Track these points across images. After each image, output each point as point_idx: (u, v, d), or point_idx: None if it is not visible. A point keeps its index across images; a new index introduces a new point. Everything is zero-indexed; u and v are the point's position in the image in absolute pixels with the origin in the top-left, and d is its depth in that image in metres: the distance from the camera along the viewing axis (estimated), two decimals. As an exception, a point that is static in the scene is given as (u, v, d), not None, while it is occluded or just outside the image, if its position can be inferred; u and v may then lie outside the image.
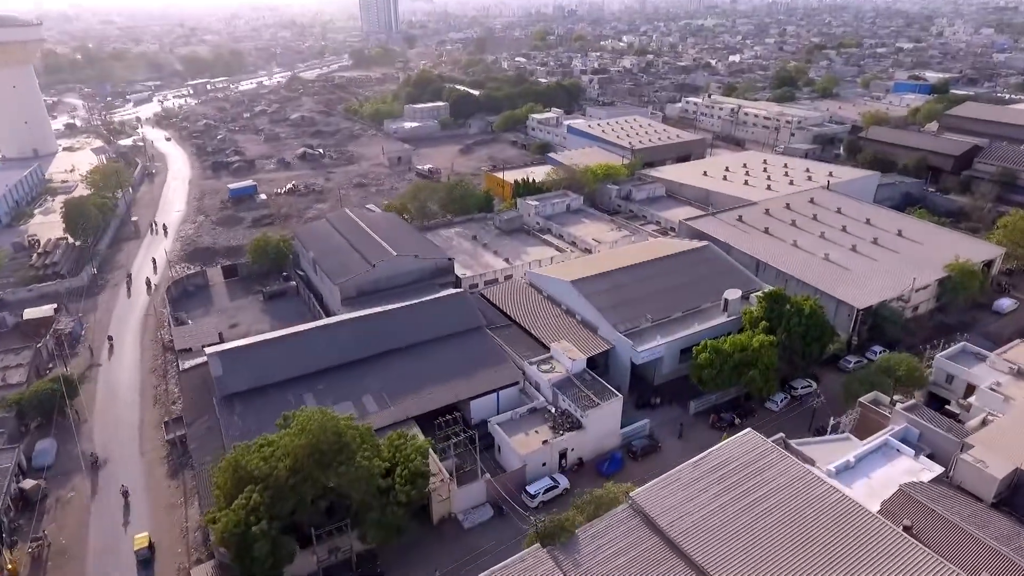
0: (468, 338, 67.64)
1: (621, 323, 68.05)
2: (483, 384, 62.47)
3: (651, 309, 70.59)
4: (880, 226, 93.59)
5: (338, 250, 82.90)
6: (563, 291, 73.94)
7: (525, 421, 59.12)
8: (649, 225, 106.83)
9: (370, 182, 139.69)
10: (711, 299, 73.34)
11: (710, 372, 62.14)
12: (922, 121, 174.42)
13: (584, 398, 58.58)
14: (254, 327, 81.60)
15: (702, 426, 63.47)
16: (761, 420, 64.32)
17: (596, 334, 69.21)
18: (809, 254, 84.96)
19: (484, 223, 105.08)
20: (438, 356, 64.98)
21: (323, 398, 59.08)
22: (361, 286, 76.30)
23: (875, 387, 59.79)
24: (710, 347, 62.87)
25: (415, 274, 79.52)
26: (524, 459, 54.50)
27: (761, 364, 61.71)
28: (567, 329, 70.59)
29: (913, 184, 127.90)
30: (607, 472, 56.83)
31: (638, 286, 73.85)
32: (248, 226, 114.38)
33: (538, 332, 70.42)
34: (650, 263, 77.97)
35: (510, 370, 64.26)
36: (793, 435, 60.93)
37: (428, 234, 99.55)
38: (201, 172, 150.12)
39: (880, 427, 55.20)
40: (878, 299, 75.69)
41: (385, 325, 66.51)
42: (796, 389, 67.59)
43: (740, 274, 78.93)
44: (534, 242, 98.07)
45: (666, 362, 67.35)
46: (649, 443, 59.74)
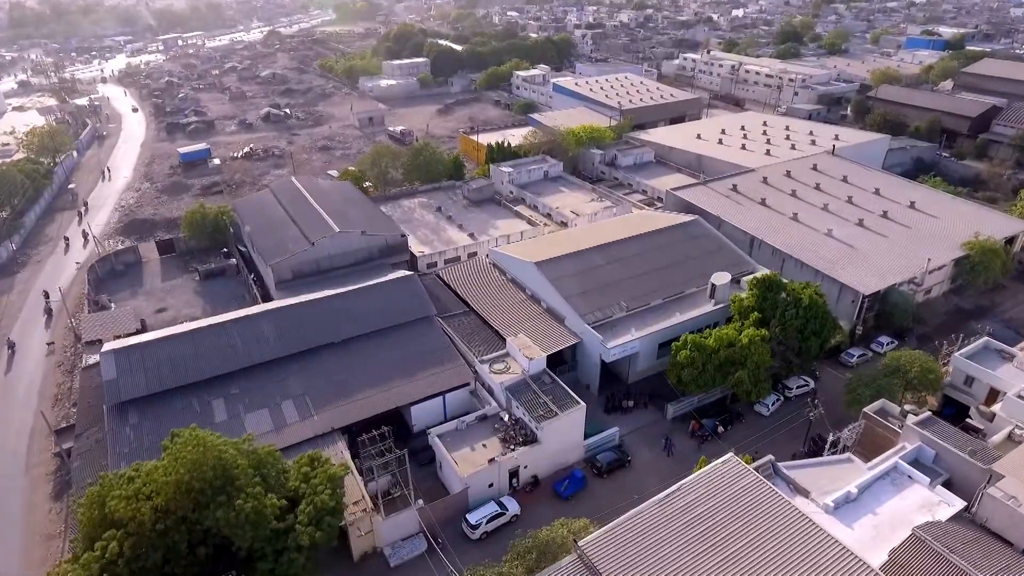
0: (414, 330, 58.65)
1: (591, 313, 58.98)
2: (428, 386, 53.73)
3: (627, 295, 61.43)
4: (890, 197, 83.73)
5: (277, 225, 73.27)
6: (527, 274, 64.67)
7: (473, 432, 50.56)
8: (634, 195, 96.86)
9: (336, 145, 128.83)
10: (697, 283, 64.13)
11: (691, 372, 53.37)
12: (936, 80, 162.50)
13: (541, 406, 49.88)
14: (184, 312, 72.60)
15: (681, 434, 54.99)
16: (749, 427, 55.81)
17: (563, 325, 60.23)
18: (810, 229, 75.37)
19: (452, 192, 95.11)
20: (378, 352, 56.10)
21: (235, 405, 50.40)
22: (298, 267, 66.96)
23: (882, 392, 51.07)
24: (691, 343, 53.95)
25: (362, 253, 70.09)
26: (466, 481, 46.07)
27: (751, 363, 52.88)
28: (530, 319, 61.58)
29: (925, 149, 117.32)
30: (566, 494, 48.51)
31: (613, 268, 64.52)
32: (195, 194, 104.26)
33: (497, 322, 61.43)
34: (629, 241, 68.47)
35: (460, 369, 55.47)
36: (786, 446, 52.66)
37: (388, 205, 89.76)
38: (156, 134, 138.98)
39: (888, 443, 46.64)
40: (887, 283, 66.48)
41: (316, 316, 57.44)
42: (791, 389, 58.93)
43: (731, 253, 69.55)
44: (505, 214, 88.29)
45: (642, 358, 58.53)
46: (617, 457, 51.29)
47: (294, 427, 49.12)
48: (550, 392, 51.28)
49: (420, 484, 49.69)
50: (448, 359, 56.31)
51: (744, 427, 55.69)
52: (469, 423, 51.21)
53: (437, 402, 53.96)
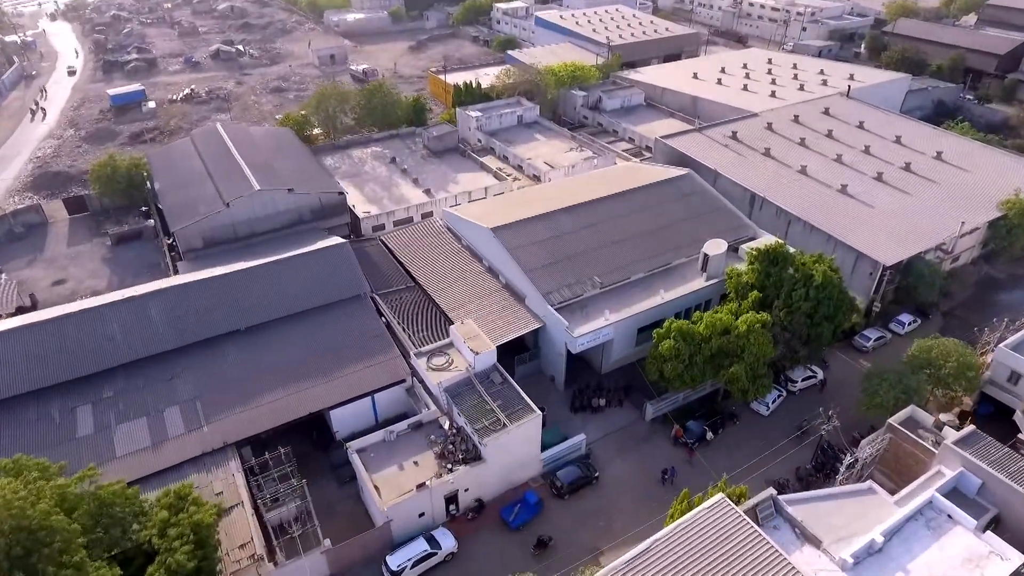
0: (342, 313, 48.29)
1: (556, 290, 48.57)
2: (354, 385, 43.74)
3: (602, 268, 50.91)
4: (913, 146, 72.35)
5: (191, 182, 61.74)
6: (483, 241, 53.90)
7: (405, 444, 40.92)
8: (620, 143, 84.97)
9: (291, 86, 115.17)
10: (686, 252, 53.55)
11: (675, 366, 43.48)
12: (958, 13, 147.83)
13: (486, 415, 40.04)
14: (87, 284, 61.97)
15: (660, 438, 45.56)
16: (744, 431, 46.29)
17: (523, 304, 49.94)
18: (821, 185, 64.35)
19: (412, 141, 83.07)
20: (293, 342, 45.87)
21: (105, 413, 40.42)
22: (210, 234, 55.93)
23: (909, 396, 41.40)
24: (675, 331, 43.85)
25: (291, 215, 58.97)
26: (388, 514, 36.62)
27: (749, 356, 42.97)
28: (485, 296, 51.20)
29: (947, 90, 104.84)
30: (516, 524, 39.25)
31: (587, 234, 53.73)
32: (123, 143, 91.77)
33: (445, 301, 51.07)
34: (607, 200, 57.44)
35: (395, 363, 45.42)
36: (789, 457, 43.17)
37: (336, 156, 77.94)
38: (91, 74, 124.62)
39: (918, 464, 37.27)
40: (911, 251, 56.07)
41: (216, 297, 46.88)
42: (795, 383, 49.24)
43: (728, 215, 58.71)
44: (469, 167, 76.65)
45: (618, 345, 48.50)
46: (583, 474, 41.83)
47: (177, 442, 39.29)
48: (500, 395, 41.38)
49: (343, 508, 40.48)
50: (381, 349, 46.17)
51: (738, 431, 46.20)
52: (400, 433, 41.52)
53: (365, 404, 44.12)
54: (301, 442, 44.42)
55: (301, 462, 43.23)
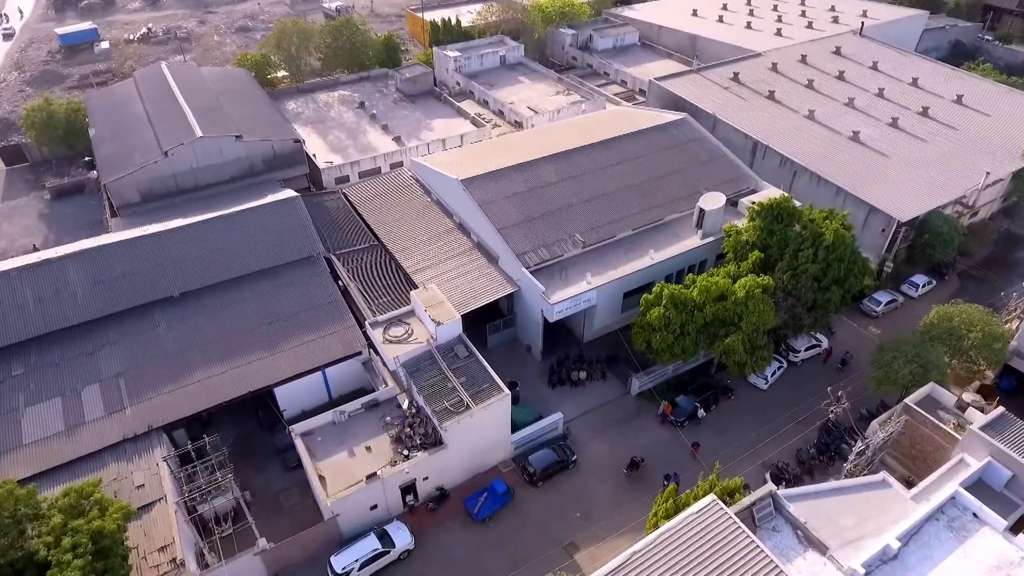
0: (292, 276, 42.94)
1: (533, 250, 43.16)
2: (302, 358, 38.77)
3: (585, 224, 45.38)
4: (931, 89, 65.91)
5: (130, 128, 55.27)
6: (453, 193, 48.15)
7: (358, 425, 36.24)
8: (611, 86, 78.10)
9: (258, 25, 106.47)
10: (680, 207, 47.96)
11: (664, 337, 38.57)
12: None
13: (447, 394, 35.17)
14: (19, 244, 56.25)
15: (647, 416, 41.00)
16: (740, 407, 41.73)
17: (496, 266, 44.62)
18: (831, 132, 58.30)
19: (384, 84, 75.99)
20: (235, 310, 40.64)
21: (13, 394, 35.44)
22: (148, 186, 49.99)
23: (928, 371, 36.64)
24: (667, 297, 38.77)
25: (240, 165, 52.91)
26: (334, 509, 32.15)
27: (747, 325, 38.07)
28: (453, 258, 45.81)
29: (965, 30, 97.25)
30: (481, 516, 34.90)
31: (569, 187, 47.95)
32: (71, 87, 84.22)
33: (409, 262, 45.69)
34: (593, 149, 51.41)
35: (350, 332, 40.37)
36: (791, 438, 38.74)
37: (299, 100, 71.02)
38: (43, 12, 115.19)
39: (938, 451, 32.83)
40: (929, 205, 50.61)
41: (148, 259, 41.37)
42: (796, 352, 44.49)
43: (727, 165, 52.83)
44: (445, 112, 69.94)
45: (601, 311, 43.42)
46: (558, 458, 37.31)
47: (95, 427, 34.44)
48: (465, 371, 36.43)
49: (290, 499, 36.08)
50: (335, 318, 41.02)
51: (733, 406, 41.63)
52: (353, 413, 36.77)
53: (316, 379, 39.24)
54: (247, 422, 39.86)
55: (245, 445, 38.87)
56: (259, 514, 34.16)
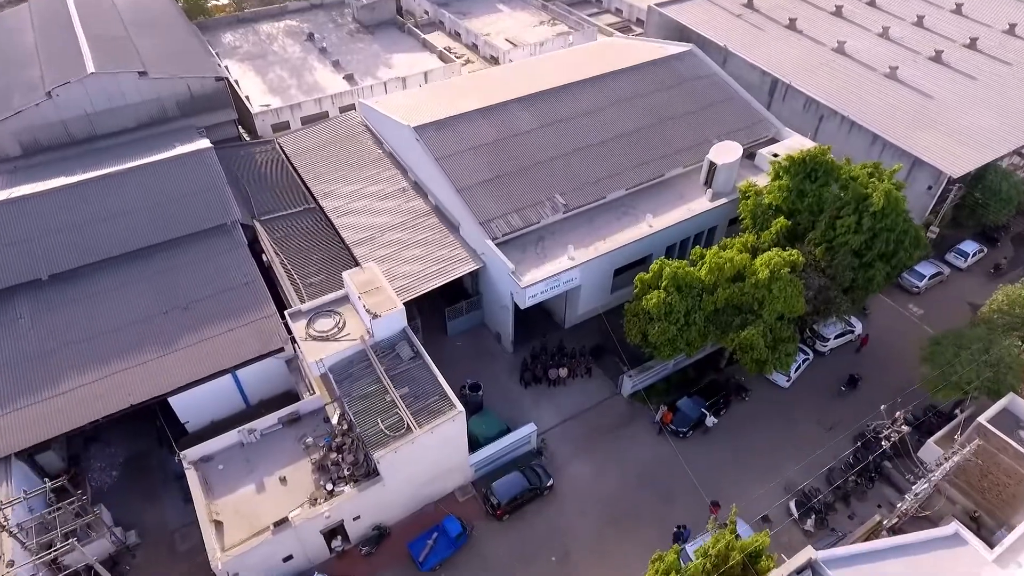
0: (199, 250, 34.25)
1: (501, 217, 34.42)
2: (207, 356, 30.51)
3: (567, 183, 36.51)
4: (978, 17, 55.98)
5: (14, 63, 45.16)
6: (407, 144, 39.03)
7: (273, 447, 28.33)
8: (604, 15, 67.57)
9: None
10: (684, 159, 39.02)
11: (665, 328, 30.44)
12: None
13: (384, 410, 27.08)
14: None
15: (642, 423, 33.21)
16: (756, 411, 33.96)
17: (457, 236, 36.00)
18: (864, 68, 48.82)
19: (340, 12, 65.18)
20: (121, 296, 32.08)
21: None
22: (31, 135, 40.47)
23: (1000, 373, 28.75)
24: (668, 277, 30.47)
25: (148, 109, 43.24)
26: (229, 569, 24.44)
27: (770, 313, 30.00)
28: (405, 226, 37.07)
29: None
30: (428, 565, 27.32)
31: (548, 136, 38.81)
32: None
33: (351, 231, 36.97)
34: (578, 87, 41.93)
35: (270, 323, 32.00)
36: (818, 449, 31.13)
37: (236, 32, 60.37)
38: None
39: (1020, 486, 25.22)
40: (986, 156, 41.81)
41: (7, 232, 32.45)
42: (825, 341, 36.52)
43: (742, 108, 43.54)
44: (409, 45, 59.59)
45: (587, 293, 35.08)
46: (529, 485, 29.56)
47: (-79, 456, 26.42)
48: (408, 378, 28.27)
49: (187, 540, 28.40)
50: (252, 304, 32.57)
51: (749, 409, 33.88)
52: (266, 431, 28.81)
53: (225, 384, 31.09)
54: (144, 436, 31.93)
55: (139, 467, 31.04)
56: (146, 563, 26.64)
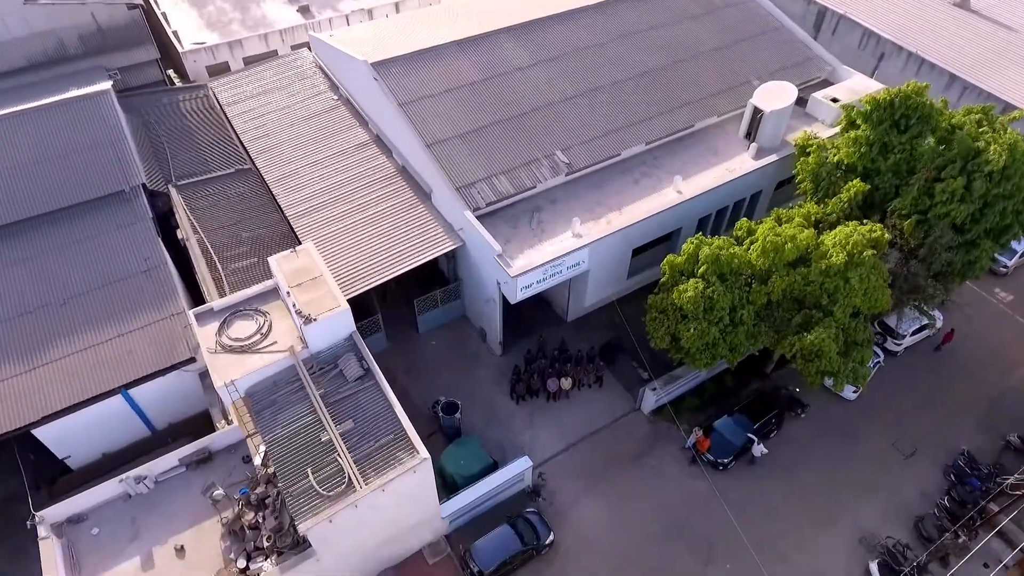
0: (87, 225, 26.01)
1: (485, 179, 26.12)
2: (89, 372, 22.61)
3: (569, 136, 28.03)
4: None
5: None
6: (365, 87, 30.42)
7: (171, 499, 20.70)
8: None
9: None
10: (719, 107, 30.51)
11: (703, 331, 22.67)
12: None
13: (322, 455, 19.33)
14: None
15: (668, 450, 25.62)
16: (813, 429, 26.39)
17: (428, 205, 27.81)
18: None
19: (299, -62, 55.22)
20: (-22, 287, 24.01)
21: None
22: None
23: None
24: (707, 260, 22.58)
25: (42, 45, 34.36)
26: None
27: (843, 309, 22.29)
28: (361, 192, 28.81)
29: None
30: (383, 665, 20.11)
31: (544, 76, 30.08)
32: None
33: (292, 199, 28.71)
34: (583, 15, 32.97)
35: (173, 325, 23.99)
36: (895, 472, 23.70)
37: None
38: None
39: None
40: (1090, 102, 33.60)
41: None
42: (899, 339, 28.77)
43: (787, 40, 34.66)
44: (378, -26, 50.12)
45: (597, 279, 27.04)
46: (523, 545, 21.92)
47: None
48: (353, 406, 20.37)
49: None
50: (153, 299, 24.54)
51: (804, 429, 26.33)
52: (163, 476, 21.12)
53: (118, 406, 23.25)
54: (9, 476, 24.23)
55: (4, 518, 23.37)
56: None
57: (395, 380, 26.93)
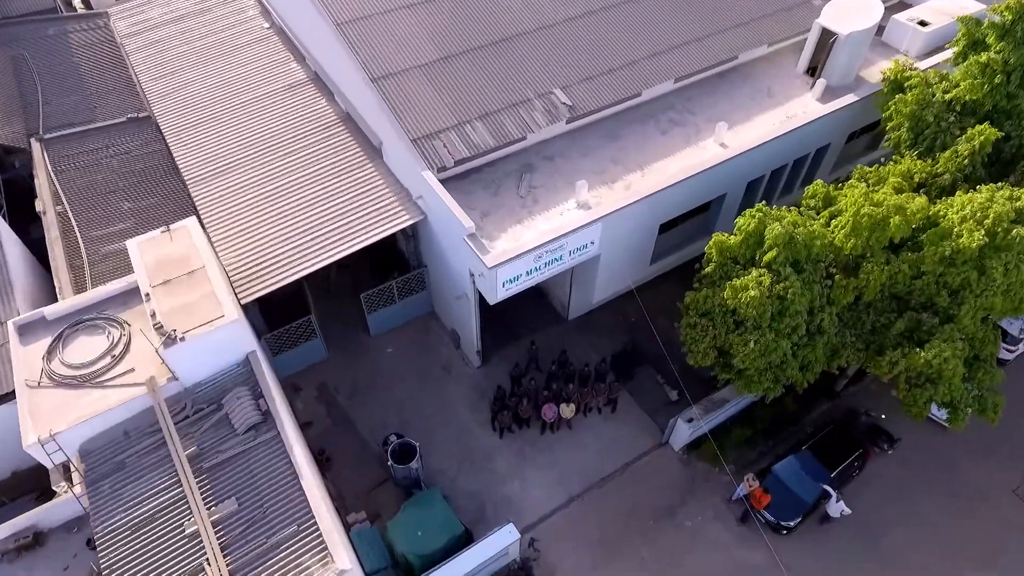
0: None
1: (452, 129, 18.52)
2: None
3: (568, 69, 20.35)
4: None
5: None
6: (298, 6, 22.61)
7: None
8: None
9: None
10: (772, 31, 22.74)
11: (771, 346, 15.55)
12: None
13: (170, 557, 12.27)
14: None
15: (707, 504, 18.67)
16: (907, 476, 19.35)
17: (380, 164, 20.30)
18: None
19: None
20: None
21: None
22: None
23: None
24: (779, 241, 15.28)
25: None
26: None
27: (972, 313, 15.18)
28: (290, 149, 21.22)
29: None
30: None
31: None
32: None
33: (191, 161, 21.10)
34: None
35: None
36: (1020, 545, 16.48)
37: None
38: None
39: None
40: None
41: None
42: (1015, 343, 21.59)
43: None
44: None
45: (610, 266, 19.72)
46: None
47: None
48: (238, 475, 13.23)
49: None
50: (-20, 297, 17.17)
51: (892, 468, 19.31)
52: (-37, 574, 13.98)
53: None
54: None
55: None
56: None
57: (334, 404, 19.81)
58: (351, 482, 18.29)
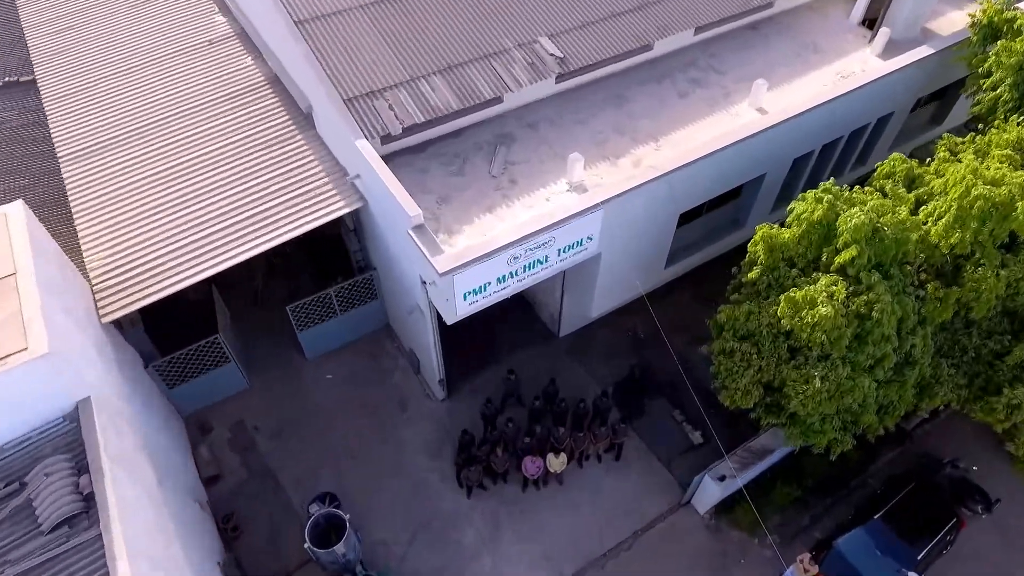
0: None
1: (401, 86, 13.81)
2: None
3: (557, 14, 15.67)
4: None
5: None
6: (215, -58, 17.82)
7: None
8: None
9: None
10: (810, -23, 18.21)
11: (839, 384, 10.88)
12: None
13: None
14: None
15: None
16: (1005, 544, 14.70)
17: (313, 134, 15.54)
18: None
19: None
20: None
21: None
22: None
23: None
24: (859, 234, 10.59)
25: None
26: None
27: None
28: (200, 117, 16.42)
29: None
30: None
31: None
32: None
33: (70, 132, 16.28)
34: None
35: None
36: None
37: None
38: None
39: None
40: None
41: None
42: None
43: None
44: None
45: (612, 270, 15.03)
46: None
47: None
48: None
49: None
50: None
51: (991, 539, 14.65)
52: None
53: None
54: None
55: None
56: None
57: (251, 450, 15.10)
58: (265, 562, 13.56)
